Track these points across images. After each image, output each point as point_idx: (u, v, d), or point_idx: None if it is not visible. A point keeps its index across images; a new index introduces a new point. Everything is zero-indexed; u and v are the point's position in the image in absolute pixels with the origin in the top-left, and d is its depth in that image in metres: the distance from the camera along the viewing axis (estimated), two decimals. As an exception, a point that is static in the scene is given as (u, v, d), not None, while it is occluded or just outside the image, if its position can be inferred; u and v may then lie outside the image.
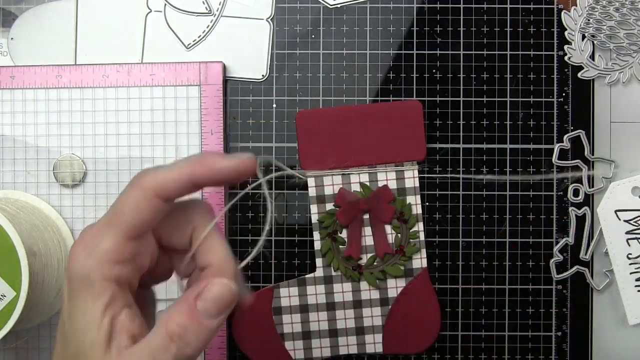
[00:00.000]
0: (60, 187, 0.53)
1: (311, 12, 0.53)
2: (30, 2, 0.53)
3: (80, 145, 0.53)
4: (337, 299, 0.52)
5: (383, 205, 0.52)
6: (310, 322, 0.52)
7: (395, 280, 0.52)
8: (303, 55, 0.53)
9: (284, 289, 0.52)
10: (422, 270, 0.52)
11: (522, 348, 0.53)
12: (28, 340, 0.52)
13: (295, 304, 0.52)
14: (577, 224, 0.53)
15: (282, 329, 0.52)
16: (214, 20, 0.53)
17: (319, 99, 0.53)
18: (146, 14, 0.53)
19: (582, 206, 0.53)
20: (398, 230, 0.52)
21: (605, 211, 0.52)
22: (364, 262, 0.52)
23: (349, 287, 0.52)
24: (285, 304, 0.52)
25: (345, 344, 0.52)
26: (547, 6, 0.53)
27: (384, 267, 0.52)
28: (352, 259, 0.52)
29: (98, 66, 0.53)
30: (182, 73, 0.52)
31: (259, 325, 0.52)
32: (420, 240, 0.52)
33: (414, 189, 0.52)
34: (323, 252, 0.52)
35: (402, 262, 0.52)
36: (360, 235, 0.52)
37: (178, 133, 0.52)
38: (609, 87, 0.53)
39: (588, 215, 0.52)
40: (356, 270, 0.52)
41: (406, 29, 0.53)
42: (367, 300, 0.52)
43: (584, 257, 0.53)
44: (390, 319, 0.52)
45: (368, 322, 0.52)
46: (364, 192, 0.52)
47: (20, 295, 0.44)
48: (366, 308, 0.52)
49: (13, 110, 0.53)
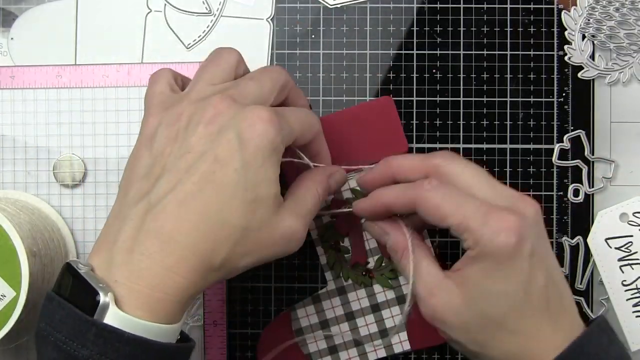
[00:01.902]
0: (60, 187, 0.53)
1: (311, 12, 0.53)
2: (30, 2, 0.53)
3: (80, 145, 0.53)
4: (355, 307, 0.52)
5: None
6: (333, 336, 0.52)
7: None
8: (303, 55, 0.53)
9: (301, 309, 0.52)
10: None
11: (522, 348, 0.53)
12: (28, 340, 0.52)
13: (315, 321, 0.52)
14: (571, 254, 0.52)
15: (308, 348, 0.52)
16: (214, 20, 0.53)
17: (319, 99, 0.53)
18: (146, 14, 0.53)
19: (576, 235, 0.52)
20: None
21: (596, 241, 0.52)
22: (372, 266, 0.52)
23: (363, 294, 0.52)
24: (305, 324, 0.52)
25: (373, 349, 0.51)
26: (547, 6, 0.53)
27: (393, 266, 0.51)
28: (360, 265, 0.52)
29: (98, 66, 0.53)
30: (182, 73, 0.52)
31: (284, 350, 0.51)
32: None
33: None
34: (330, 264, 0.52)
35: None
36: (363, 240, 0.52)
37: (178, 133, 0.52)
38: (609, 87, 0.53)
39: (582, 245, 0.52)
40: (367, 275, 0.52)
41: (406, 29, 0.53)
42: (384, 302, 0.52)
43: (579, 286, 0.52)
44: (410, 315, 0.51)
45: (389, 323, 0.52)
46: (356, 197, 0.51)
47: (20, 295, 0.44)
48: (385, 310, 0.52)
49: (13, 110, 0.53)
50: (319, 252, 0.52)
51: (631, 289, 0.52)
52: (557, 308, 0.42)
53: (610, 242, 0.52)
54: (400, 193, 0.44)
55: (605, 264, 0.52)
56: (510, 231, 0.40)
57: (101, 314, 0.37)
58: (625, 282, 0.52)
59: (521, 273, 0.40)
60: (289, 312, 0.52)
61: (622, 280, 0.52)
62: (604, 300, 0.52)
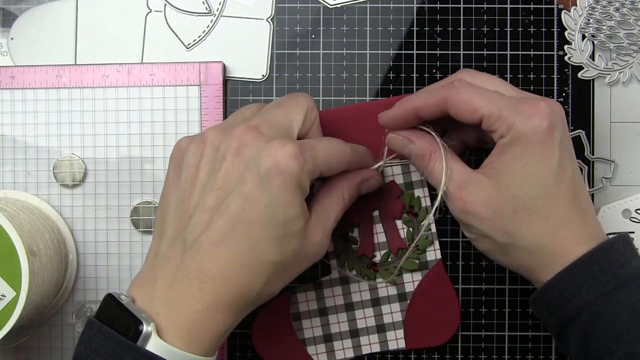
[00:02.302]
0: (60, 187, 0.53)
1: (311, 12, 0.53)
2: (30, 2, 0.53)
3: (80, 145, 0.53)
4: (355, 299, 0.52)
5: (392, 200, 0.51)
6: (330, 325, 0.52)
7: (411, 274, 0.52)
8: (303, 55, 0.53)
9: (301, 294, 0.52)
10: (437, 261, 0.52)
11: (522, 348, 0.53)
12: (28, 340, 0.52)
13: (314, 307, 0.52)
14: None
15: (303, 334, 0.52)
16: (214, 20, 0.53)
17: (319, 99, 0.53)
18: (146, 14, 0.53)
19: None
20: (409, 224, 0.51)
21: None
22: (378, 260, 0.52)
23: (365, 286, 0.52)
24: (304, 309, 0.52)
25: (368, 342, 0.52)
26: (547, 6, 0.53)
27: (399, 263, 0.51)
28: (367, 257, 0.52)
29: (98, 66, 0.53)
30: (182, 73, 0.52)
31: (280, 332, 0.51)
32: (432, 232, 0.52)
33: (421, 182, 0.51)
34: (337, 253, 0.52)
35: (416, 256, 0.51)
36: (373, 233, 0.52)
37: (178, 133, 0.52)
38: (609, 87, 0.53)
39: None
40: (371, 268, 0.52)
41: (406, 29, 0.53)
42: (385, 297, 0.52)
43: None
44: (409, 314, 0.51)
45: (388, 319, 0.52)
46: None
47: (20, 295, 0.44)
48: (385, 305, 0.52)
49: (13, 110, 0.53)
50: None
51: None
52: (584, 205, 0.44)
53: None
54: (430, 94, 0.45)
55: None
56: (542, 116, 0.42)
57: (143, 342, 0.39)
58: None
59: (552, 158, 0.42)
60: (289, 295, 0.52)
61: None
62: None
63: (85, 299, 0.53)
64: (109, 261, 0.53)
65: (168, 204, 0.43)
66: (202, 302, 0.40)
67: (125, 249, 0.53)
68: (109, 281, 0.53)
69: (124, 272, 0.53)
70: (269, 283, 0.42)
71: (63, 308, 0.53)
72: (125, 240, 0.53)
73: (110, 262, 0.53)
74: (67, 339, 0.53)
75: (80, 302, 0.53)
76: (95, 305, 0.53)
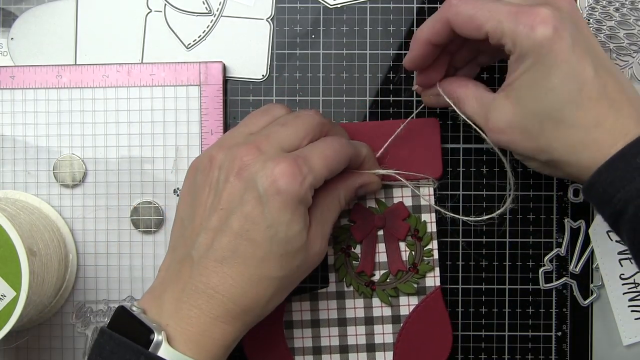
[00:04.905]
0: (60, 187, 0.53)
1: (311, 12, 0.53)
2: (30, 2, 0.53)
3: (80, 145, 0.53)
4: (349, 315, 0.52)
5: (398, 221, 0.51)
6: (321, 337, 0.52)
7: (407, 298, 0.51)
8: (303, 55, 0.53)
9: (296, 302, 0.52)
10: (435, 288, 0.51)
11: (522, 348, 0.53)
12: (28, 340, 0.52)
13: (307, 318, 0.52)
14: (571, 236, 0.52)
15: (293, 343, 0.51)
16: (214, 20, 0.53)
17: (319, 99, 0.53)
18: (146, 14, 0.53)
19: (578, 218, 0.52)
20: (412, 247, 0.51)
21: (597, 232, 0.52)
22: (376, 279, 0.52)
23: (360, 304, 0.52)
24: (297, 318, 0.52)
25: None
26: (547, 6, 0.53)
27: (397, 284, 0.51)
28: (365, 275, 0.51)
29: (98, 66, 0.53)
30: (182, 73, 0.52)
31: (271, 338, 0.51)
32: (434, 259, 0.51)
33: (429, 207, 0.51)
34: (336, 267, 0.51)
35: (415, 280, 0.51)
36: (374, 252, 0.51)
37: (178, 133, 0.52)
38: (609, 87, 0.53)
39: (582, 229, 0.52)
40: (368, 287, 0.51)
41: (406, 29, 0.53)
42: (378, 317, 0.52)
43: (573, 270, 0.52)
44: (401, 337, 0.51)
45: (379, 339, 0.51)
46: (379, 208, 0.51)
47: (20, 295, 0.44)
48: (377, 325, 0.52)
49: (13, 110, 0.53)
50: (329, 252, 0.51)
51: (628, 283, 0.52)
52: (618, 97, 0.41)
53: (612, 235, 0.52)
54: (431, 20, 0.44)
55: (605, 256, 0.52)
56: (545, 23, 0.40)
57: (154, 350, 0.40)
58: (623, 276, 0.52)
59: (565, 65, 0.40)
60: (284, 303, 0.52)
61: (620, 273, 0.52)
62: (597, 287, 0.52)
63: (85, 299, 0.53)
64: (109, 261, 0.53)
65: (181, 221, 0.45)
66: (210, 314, 0.42)
67: (125, 249, 0.53)
68: (109, 281, 0.53)
69: (124, 272, 0.53)
70: (275, 296, 0.43)
71: (63, 308, 0.53)
72: (125, 240, 0.53)
73: (110, 262, 0.53)
74: (67, 339, 0.53)
75: (80, 302, 0.53)
76: (95, 305, 0.53)
